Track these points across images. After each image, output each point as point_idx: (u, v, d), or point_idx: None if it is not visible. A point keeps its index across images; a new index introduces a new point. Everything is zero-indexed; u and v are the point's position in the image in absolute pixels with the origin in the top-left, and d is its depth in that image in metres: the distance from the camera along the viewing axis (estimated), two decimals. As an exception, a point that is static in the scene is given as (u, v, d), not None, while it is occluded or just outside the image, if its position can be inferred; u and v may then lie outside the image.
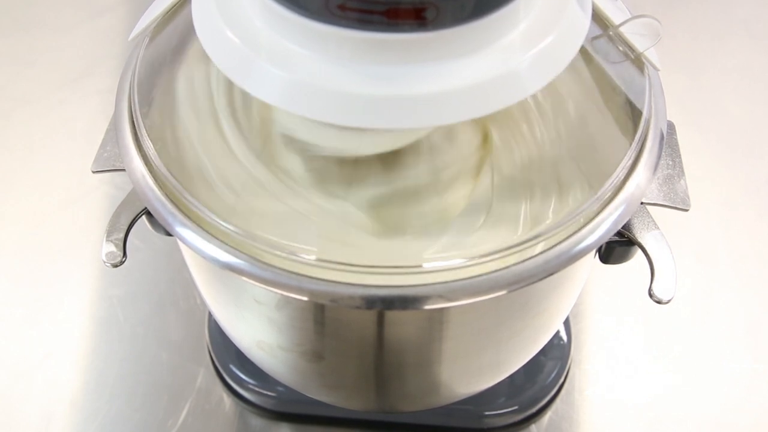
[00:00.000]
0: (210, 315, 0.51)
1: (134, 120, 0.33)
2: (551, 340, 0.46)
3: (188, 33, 0.30)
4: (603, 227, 0.30)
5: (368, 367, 0.37)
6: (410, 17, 0.25)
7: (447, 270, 0.29)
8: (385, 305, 0.29)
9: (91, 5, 0.75)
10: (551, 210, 0.36)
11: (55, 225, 0.58)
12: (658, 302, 0.32)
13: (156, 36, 0.36)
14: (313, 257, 0.29)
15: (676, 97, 0.54)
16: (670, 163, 0.35)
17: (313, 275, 0.29)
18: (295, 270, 0.29)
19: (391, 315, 0.32)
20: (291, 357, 0.38)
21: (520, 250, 0.29)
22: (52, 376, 0.51)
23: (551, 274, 0.29)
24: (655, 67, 0.34)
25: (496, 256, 0.29)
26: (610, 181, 0.31)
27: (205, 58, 0.32)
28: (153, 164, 0.32)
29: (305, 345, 0.36)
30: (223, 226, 0.30)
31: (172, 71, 0.36)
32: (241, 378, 0.48)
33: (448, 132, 0.34)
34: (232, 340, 0.43)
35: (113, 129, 0.34)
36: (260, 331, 0.37)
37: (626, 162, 0.31)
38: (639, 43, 0.33)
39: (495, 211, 0.34)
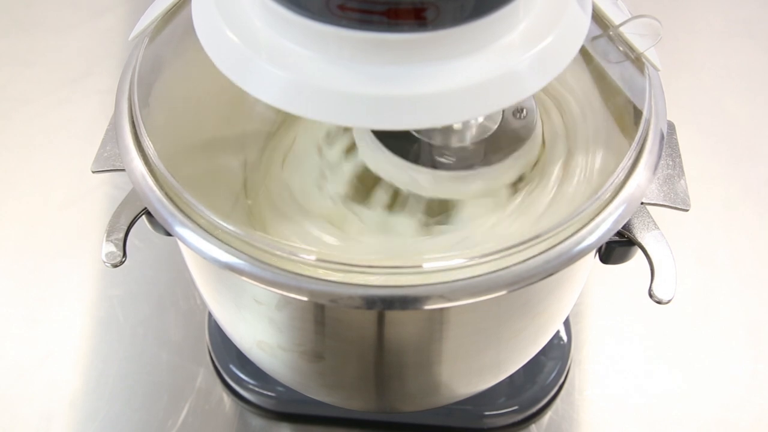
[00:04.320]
0: (210, 315, 0.51)
1: (134, 120, 0.33)
2: (551, 340, 0.46)
3: (188, 33, 0.30)
4: (603, 227, 0.30)
5: (368, 367, 0.37)
6: (410, 17, 0.25)
7: (447, 270, 0.29)
8: (385, 305, 0.29)
9: (91, 5, 0.75)
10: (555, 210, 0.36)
11: (55, 225, 0.58)
12: (658, 302, 0.32)
13: (156, 36, 0.36)
14: (313, 257, 0.29)
15: (676, 97, 0.54)
16: (670, 163, 0.35)
17: (313, 275, 0.29)
18: (295, 270, 0.29)
19: (391, 315, 0.32)
20: (291, 357, 0.38)
21: (520, 250, 0.29)
22: (52, 376, 0.51)
23: (551, 274, 0.29)
24: (655, 67, 0.34)
25: (496, 256, 0.29)
26: (610, 181, 0.31)
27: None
28: (153, 164, 0.32)
29: (305, 345, 0.36)
30: (223, 226, 0.30)
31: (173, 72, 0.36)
32: (241, 378, 0.48)
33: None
34: (232, 340, 0.43)
35: (113, 129, 0.34)
36: (260, 331, 0.37)
37: (626, 162, 0.31)
38: (639, 43, 0.33)
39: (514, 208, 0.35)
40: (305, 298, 0.29)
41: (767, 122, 0.65)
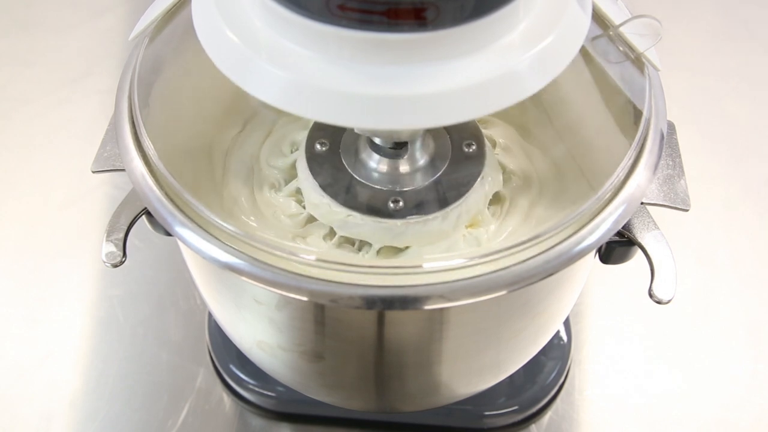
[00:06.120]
0: (210, 315, 0.51)
1: (134, 120, 0.33)
2: (551, 340, 0.46)
3: (188, 33, 0.30)
4: (603, 227, 0.30)
5: (368, 367, 0.37)
6: (410, 17, 0.25)
7: (447, 270, 0.29)
8: (385, 305, 0.29)
9: (91, 5, 0.75)
10: (554, 211, 0.36)
11: (55, 225, 0.58)
12: (658, 302, 0.32)
13: (156, 36, 0.36)
14: (313, 257, 0.29)
15: (676, 97, 0.54)
16: (670, 163, 0.35)
17: (313, 275, 0.29)
18: (295, 270, 0.29)
19: (391, 315, 0.32)
20: (291, 357, 0.38)
21: (520, 251, 0.29)
22: (52, 376, 0.51)
23: (551, 274, 0.29)
24: (655, 67, 0.34)
25: (496, 256, 0.29)
26: (610, 181, 0.31)
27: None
28: (153, 164, 0.32)
29: (305, 345, 0.36)
30: (223, 226, 0.30)
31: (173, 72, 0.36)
32: (241, 378, 0.48)
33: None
34: (232, 340, 0.43)
35: (113, 129, 0.34)
36: (260, 331, 0.37)
37: (626, 162, 0.31)
38: (639, 43, 0.33)
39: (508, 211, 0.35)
40: (305, 298, 0.29)
41: (767, 122, 0.65)
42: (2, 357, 0.52)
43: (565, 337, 0.50)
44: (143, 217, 0.35)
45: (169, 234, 0.32)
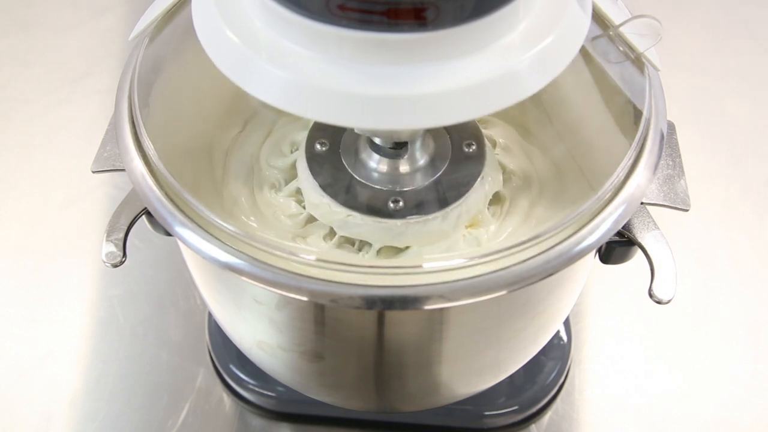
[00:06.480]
0: (210, 315, 0.51)
1: (134, 120, 0.33)
2: (551, 340, 0.46)
3: (188, 33, 0.30)
4: (603, 227, 0.30)
5: (368, 367, 0.37)
6: (410, 17, 0.25)
7: (447, 270, 0.29)
8: (385, 305, 0.29)
9: (91, 5, 0.75)
10: (554, 211, 0.36)
11: (55, 225, 0.58)
12: (658, 302, 0.32)
13: (156, 36, 0.36)
14: (313, 257, 0.29)
15: (676, 97, 0.54)
16: (670, 163, 0.35)
17: (313, 275, 0.29)
18: (295, 270, 0.29)
19: (391, 315, 0.32)
20: (291, 357, 0.38)
21: (520, 251, 0.29)
22: (52, 376, 0.51)
23: (551, 274, 0.29)
24: (655, 67, 0.34)
25: (496, 256, 0.29)
26: (610, 181, 0.31)
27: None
28: (153, 164, 0.32)
29: (305, 345, 0.36)
30: (223, 226, 0.30)
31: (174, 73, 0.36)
32: (241, 378, 0.48)
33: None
34: (232, 340, 0.43)
35: (113, 129, 0.34)
36: (260, 331, 0.37)
37: (626, 162, 0.31)
38: (639, 43, 0.33)
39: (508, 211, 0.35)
40: (305, 298, 0.29)
41: (767, 122, 0.65)
42: (2, 357, 0.52)
43: (565, 337, 0.50)
44: (143, 217, 0.35)
45: (169, 234, 0.32)
